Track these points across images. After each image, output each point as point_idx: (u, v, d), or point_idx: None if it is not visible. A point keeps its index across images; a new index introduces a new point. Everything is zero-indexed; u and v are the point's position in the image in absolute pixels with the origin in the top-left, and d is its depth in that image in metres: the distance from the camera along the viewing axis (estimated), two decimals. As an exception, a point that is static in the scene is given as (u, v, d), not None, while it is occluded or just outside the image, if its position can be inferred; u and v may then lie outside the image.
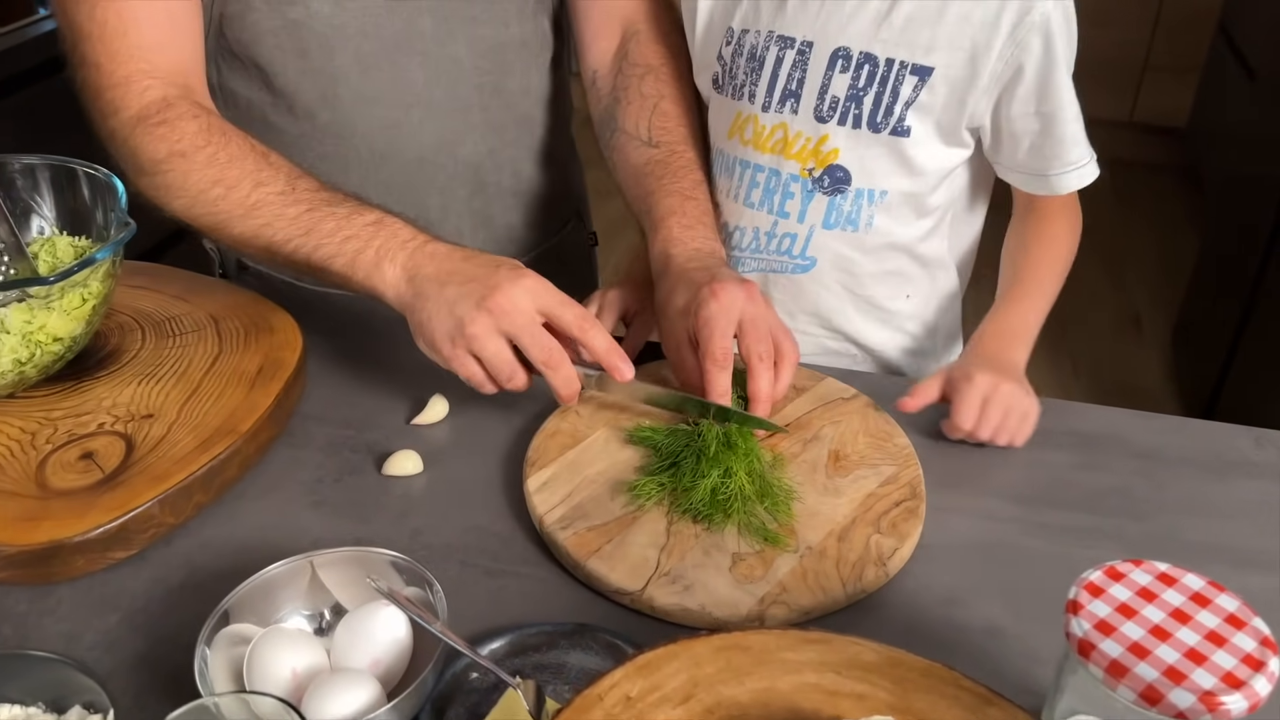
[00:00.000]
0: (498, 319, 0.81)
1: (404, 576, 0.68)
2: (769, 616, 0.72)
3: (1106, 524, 0.82)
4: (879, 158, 0.98)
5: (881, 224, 1.01)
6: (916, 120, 0.95)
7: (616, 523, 0.78)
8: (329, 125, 1.05)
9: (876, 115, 0.96)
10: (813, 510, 0.80)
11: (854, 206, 1.00)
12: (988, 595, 0.75)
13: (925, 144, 0.97)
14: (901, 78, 0.94)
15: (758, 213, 1.04)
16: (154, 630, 0.72)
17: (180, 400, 0.87)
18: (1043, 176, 0.97)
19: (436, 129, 1.08)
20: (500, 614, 0.73)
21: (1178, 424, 0.93)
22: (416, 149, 1.08)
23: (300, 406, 0.92)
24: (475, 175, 1.12)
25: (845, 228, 1.01)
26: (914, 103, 0.94)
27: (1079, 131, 0.95)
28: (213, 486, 0.81)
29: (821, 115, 0.97)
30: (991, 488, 0.85)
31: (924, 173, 0.99)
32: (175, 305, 1.00)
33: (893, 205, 1.00)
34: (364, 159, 1.07)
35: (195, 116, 0.92)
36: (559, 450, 0.85)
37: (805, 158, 1.00)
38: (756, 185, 1.03)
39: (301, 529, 0.80)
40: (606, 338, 0.84)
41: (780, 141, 1.00)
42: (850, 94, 0.96)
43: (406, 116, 1.06)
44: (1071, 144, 0.95)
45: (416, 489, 0.84)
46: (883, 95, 0.95)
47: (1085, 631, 0.55)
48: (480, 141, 1.11)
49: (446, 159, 1.09)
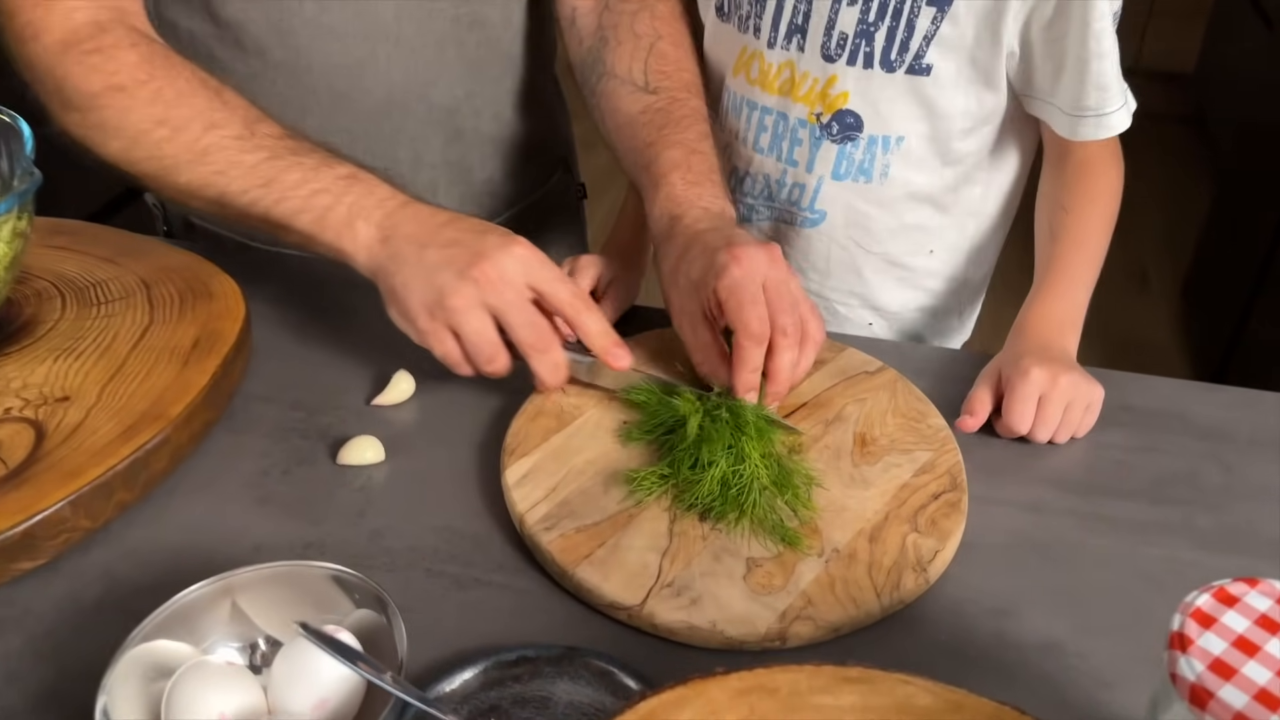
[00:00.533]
0: (483, 291, 0.70)
1: (354, 596, 0.57)
2: (792, 635, 0.61)
3: (1173, 515, 0.71)
4: (894, 100, 0.87)
5: (899, 173, 0.91)
6: (939, 57, 0.85)
7: (610, 522, 0.67)
8: (282, 62, 0.92)
9: (890, 52, 0.85)
10: (839, 505, 0.69)
11: (867, 155, 0.90)
12: (1043, 603, 0.65)
13: (951, 85, 0.86)
14: (917, 9, 0.83)
15: (766, 158, 0.94)
16: (64, 658, 0.61)
17: (102, 380, 0.75)
18: (1080, 117, 0.85)
19: (406, 68, 0.95)
20: (473, 634, 0.62)
21: (1246, 397, 0.82)
22: (384, 90, 0.95)
23: (243, 385, 0.80)
24: (450, 120, 1.00)
25: (858, 178, 0.91)
26: (934, 37, 0.84)
27: (1115, 67, 0.84)
28: (137, 483, 0.69)
29: (829, 53, 0.87)
30: (1041, 474, 0.74)
31: (948, 115, 0.88)
32: (102, 269, 0.88)
33: (911, 152, 0.90)
34: (323, 101, 0.94)
35: (134, 45, 0.79)
36: (542, 435, 0.74)
37: (813, 101, 0.89)
38: (765, 129, 0.93)
39: (241, 531, 0.69)
40: (602, 320, 0.74)
41: (787, 82, 0.90)
42: (860, 29, 0.85)
43: (372, 53, 0.93)
44: (1108, 78, 0.83)
45: (377, 482, 0.73)
46: (896, 30, 0.84)
47: (1199, 675, 0.44)
48: (456, 82, 0.98)
49: (417, 102, 0.97)
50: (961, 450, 0.74)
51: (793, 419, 0.76)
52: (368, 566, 0.66)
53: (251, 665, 0.57)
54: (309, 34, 0.91)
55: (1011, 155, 0.95)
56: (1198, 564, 0.67)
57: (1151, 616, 0.63)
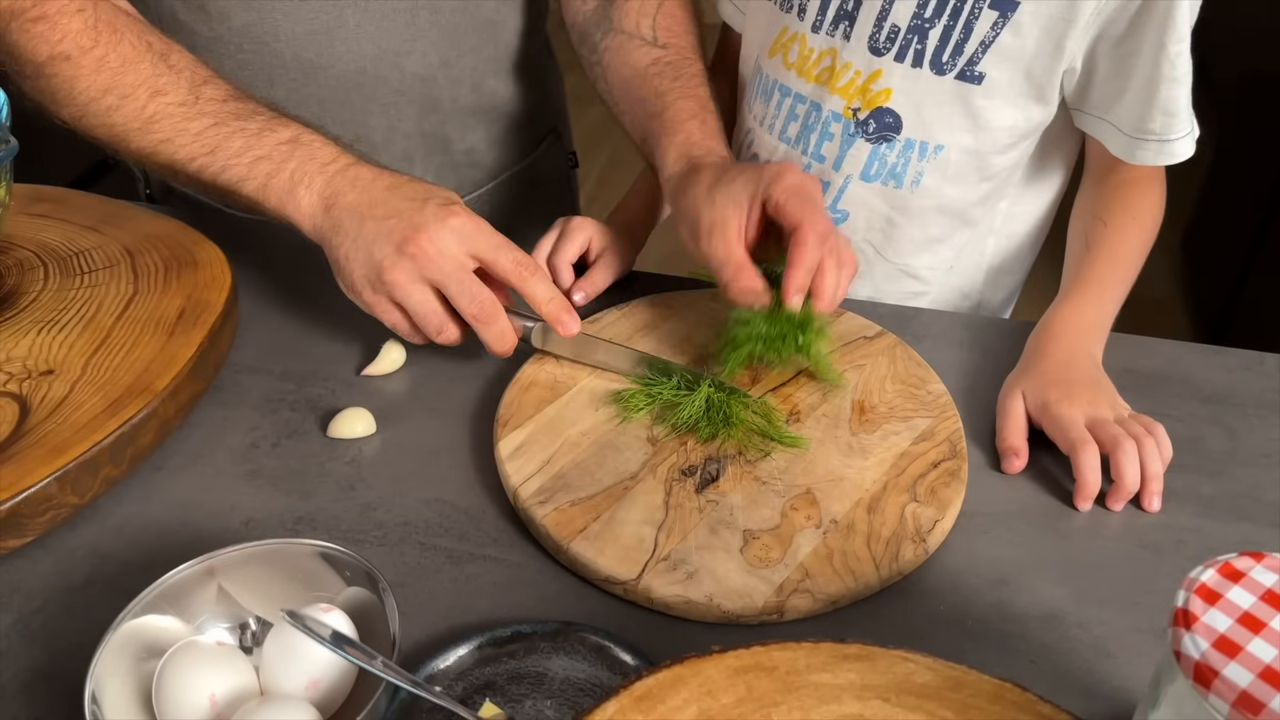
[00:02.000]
0: (421, 265, 0.70)
1: (345, 573, 0.56)
2: (789, 608, 0.60)
3: (1176, 482, 0.70)
4: (939, 105, 0.81)
5: (931, 183, 0.85)
6: (994, 66, 0.79)
7: (605, 495, 0.66)
8: (248, 27, 0.89)
9: (943, 53, 0.79)
10: (836, 475, 0.68)
11: (901, 159, 0.84)
12: (1044, 573, 0.64)
13: (1002, 96, 0.81)
14: (978, 11, 0.77)
15: (791, 149, 0.88)
16: (54, 637, 0.60)
17: (86, 352, 0.74)
18: (1142, 140, 0.80)
19: (376, 35, 0.92)
20: (467, 609, 0.61)
21: (1249, 359, 0.81)
22: (354, 59, 0.92)
23: (231, 356, 0.79)
24: (426, 90, 0.96)
25: (887, 182, 0.86)
26: (992, 44, 0.78)
27: (1187, 95, 0.78)
28: (124, 457, 0.68)
29: (877, 46, 0.81)
30: (1042, 440, 0.73)
31: (992, 129, 0.83)
32: (85, 237, 0.86)
33: (949, 163, 0.84)
34: (290, 69, 0.91)
35: (80, 10, 0.76)
36: (536, 406, 0.73)
37: (851, 95, 0.83)
38: (795, 118, 0.87)
39: (231, 506, 0.68)
40: (548, 286, 0.73)
41: (827, 70, 0.84)
42: (914, 24, 0.79)
43: (340, 19, 0.90)
44: (1179, 105, 0.78)
45: (368, 454, 0.72)
46: (953, 30, 0.78)
47: (1203, 653, 0.43)
48: (430, 50, 0.95)
49: (390, 71, 0.94)
50: (962, 416, 0.72)
51: (789, 386, 0.74)
52: (359, 541, 0.65)
53: (243, 645, 0.56)
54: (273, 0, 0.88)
55: (1046, 174, 0.90)
56: (1200, 531, 0.66)
57: (1154, 586, 0.63)
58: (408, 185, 0.73)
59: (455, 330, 0.73)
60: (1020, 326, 0.84)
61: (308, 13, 0.89)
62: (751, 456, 0.69)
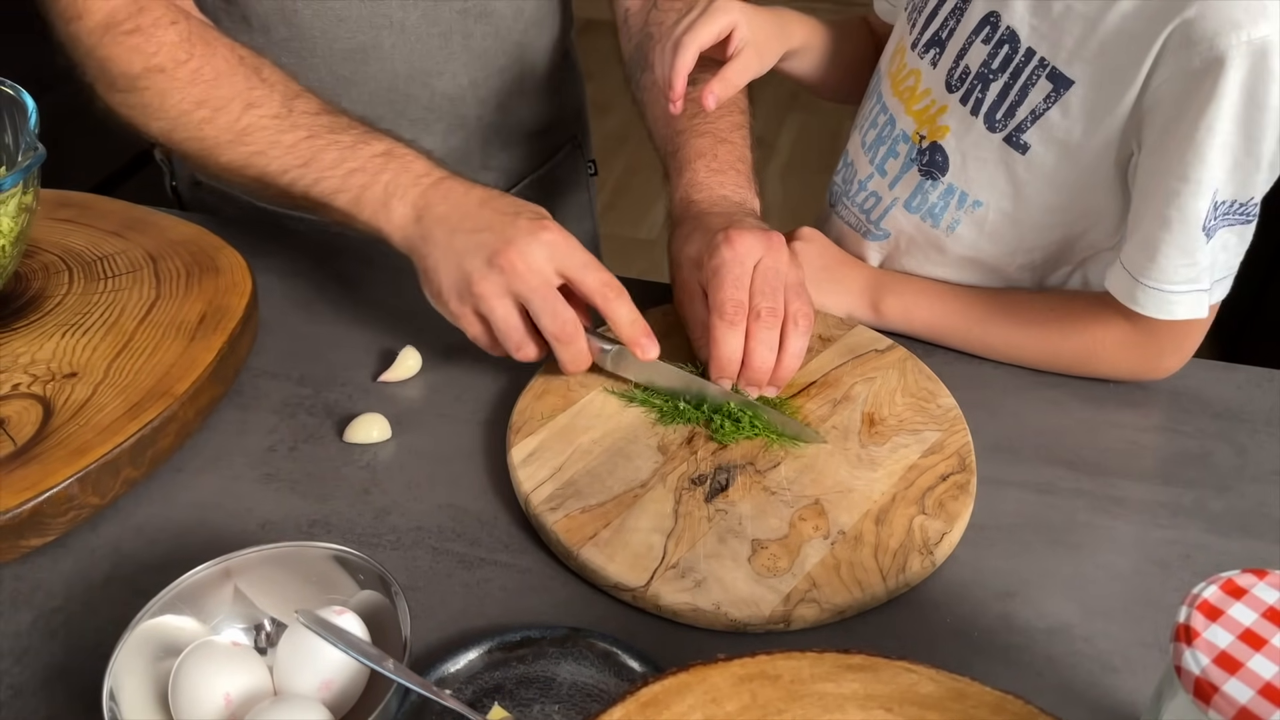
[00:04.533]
0: (509, 279, 0.70)
1: (358, 576, 0.57)
2: (796, 617, 0.61)
3: (1185, 497, 0.70)
4: (984, 161, 0.78)
5: (967, 235, 0.82)
6: (1041, 141, 0.75)
7: (615, 502, 0.67)
8: (287, 41, 0.91)
9: (997, 110, 0.76)
10: (845, 486, 0.68)
11: (941, 202, 0.82)
12: (1051, 586, 0.64)
13: (1045, 178, 0.76)
14: (1035, 79, 0.74)
15: (864, 155, 0.87)
16: (73, 635, 0.62)
17: (109, 356, 0.75)
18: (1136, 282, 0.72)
19: (410, 56, 0.94)
20: (478, 614, 0.62)
21: (1259, 376, 0.81)
22: (387, 78, 0.94)
23: (250, 361, 0.80)
24: (454, 109, 0.98)
25: (925, 219, 0.83)
26: (1041, 117, 0.74)
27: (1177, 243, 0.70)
28: (144, 459, 0.70)
29: (951, 82, 0.79)
30: (1052, 455, 0.73)
31: (1031, 206, 0.78)
32: (109, 242, 0.87)
33: (987, 222, 0.80)
34: (325, 84, 0.93)
35: (173, 23, 0.79)
36: (548, 414, 0.74)
37: (922, 121, 0.81)
38: (876, 126, 0.86)
39: (248, 510, 0.69)
40: (632, 309, 0.72)
41: (909, 90, 0.82)
42: (981, 71, 0.77)
43: (376, 40, 0.92)
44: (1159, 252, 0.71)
45: (383, 459, 0.73)
46: (1010, 89, 0.75)
47: (1204, 668, 0.44)
48: (461, 72, 0.97)
49: (420, 90, 0.96)
50: (971, 430, 0.73)
51: (800, 398, 0.75)
52: (373, 545, 0.66)
53: (257, 646, 0.57)
54: (312, 18, 0.90)
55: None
56: (1207, 547, 0.67)
57: (1160, 600, 0.63)
58: (499, 199, 0.74)
59: (534, 348, 0.73)
60: (1032, 340, 0.84)
61: (345, 32, 0.91)
62: (761, 466, 0.70)
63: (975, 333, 0.81)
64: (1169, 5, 0.67)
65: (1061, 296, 0.82)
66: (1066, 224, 0.79)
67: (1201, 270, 0.71)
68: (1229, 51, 0.65)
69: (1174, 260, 0.71)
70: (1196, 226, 0.70)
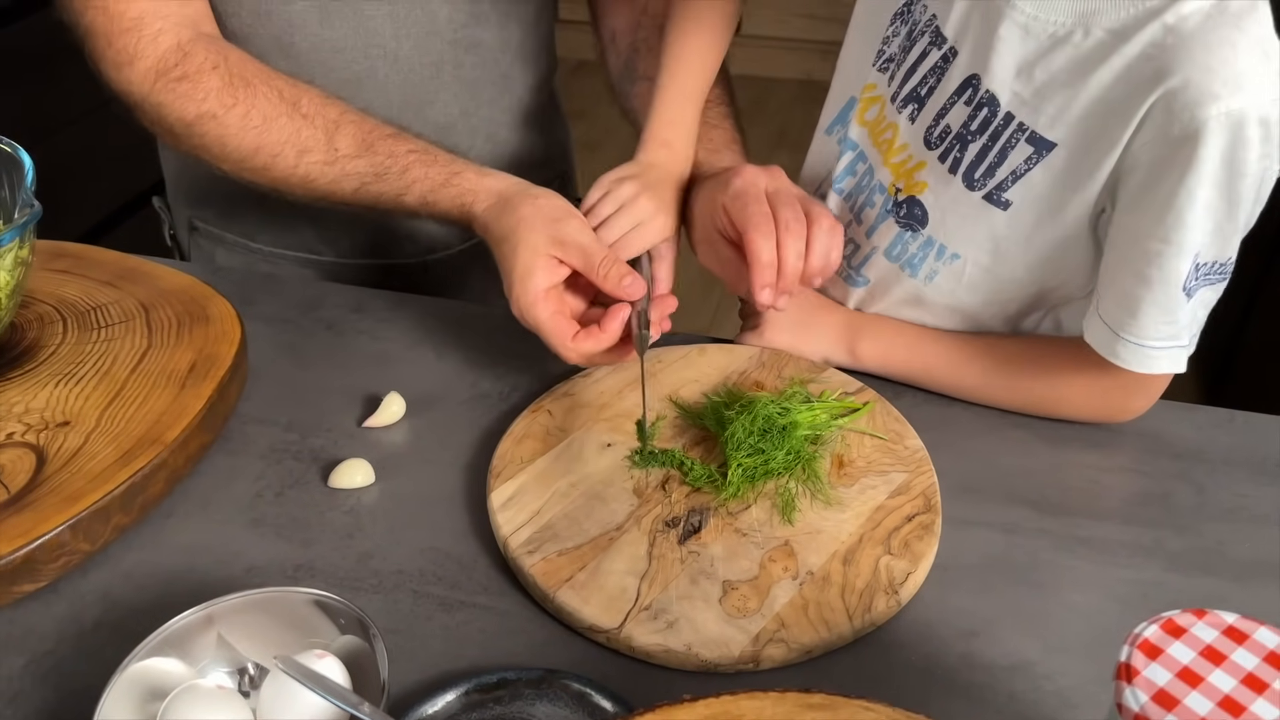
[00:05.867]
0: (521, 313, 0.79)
1: (339, 620, 0.59)
2: (765, 657, 0.63)
3: (1145, 537, 0.72)
4: (964, 217, 0.80)
5: (946, 285, 0.83)
6: (1022, 198, 0.77)
7: (591, 545, 0.69)
8: (285, 72, 0.94)
9: (976, 170, 0.78)
10: (814, 527, 0.70)
11: (920, 253, 0.83)
12: (1013, 625, 0.66)
13: (1024, 237, 0.78)
14: (1015, 141, 0.75)
15: (841, 202, 0.89)
16: (64, 679, 0.63)
17: (101, 404, 0.77)
18: (1119, 337, 0.75)
19: (404, 86, 0.98)
20: (457, 656, 0.64)
21: (1219, 417, 0.83)
22: (381, 106, 0.97)
23: (239, 407, 0.82)
24: (445, 138, 1.01)
25: (905, 268, 0.84)
26: (1024, 177, 0.76)
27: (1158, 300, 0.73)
28: (134, 506, 0.72)
29: (930, 139, 0.80)
30: (1016, 495, 0.75)
31: (1011, 261, 0.80)
32: (103, 292, 0.90)
33: (964, 274, 0.82)
34: None
35: (215, 67, 0.85)
36: (528, 458, 0.76)
37: (899, 174, 0.83)
38: (853, 173, 0.88)
39: (235, 554, 0.71)
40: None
41: (887, 143, 0.84)
42: (960, 132, 0.78)
43: (370, 70, 0.97)
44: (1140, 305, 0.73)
45: (366, 504, 0.75)
46: (990, 150, 0.77)
47: (1143, 705, 0.46)
48: (452, 101, 1.01)
49: (413, 119, 0.99)
50: (937, 471, 0.75)
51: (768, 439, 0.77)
52: (356, 589, 0.68)
53: (241, 689, 0.59)
54: (309, 49, 0.94)
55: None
56: (1166, 585, 0.69)
57: (1119, 638, 0.64)
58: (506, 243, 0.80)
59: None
60: (999, 382, 0.86)
61: (340, 62, 0.95)
62: (733, 508, 0.72)
63: (949, 375, 0.84)
64: (1153, 77, 0.69)
65: (1034, 342, 0.85)
66: (1043, 279, 0.81)
67: (1182, 328, 0.74)
68: (1208, 122, 0.67)
69: (1155, 318, 0.73)
70: (1177, 286, 0.72)
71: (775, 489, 0.73)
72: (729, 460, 0.73)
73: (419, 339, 0.90)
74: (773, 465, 0.73)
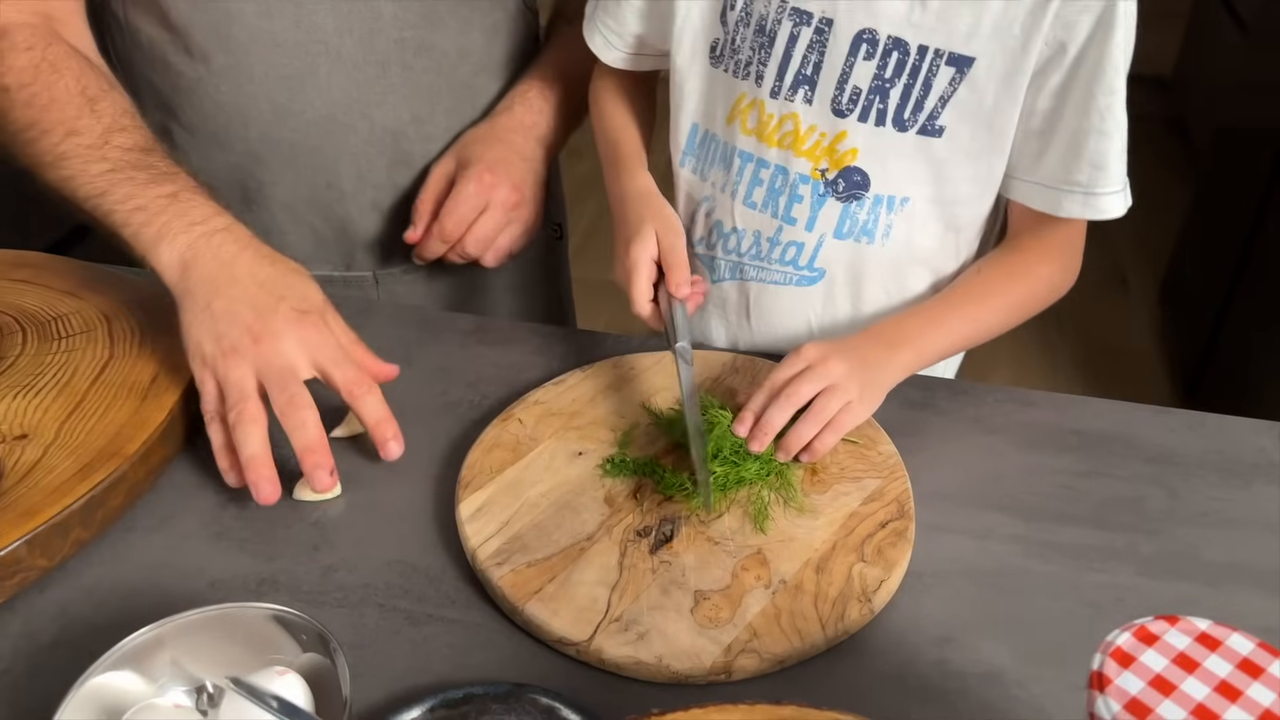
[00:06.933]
0: (259, 364, 0.73)
1: (301, 636, 0.58)
2: (737, 668, 0.62)
3: (1118, 541, 0.72)
4: (903, 159, 0.82)
5: (900, 234, 0.86)
6: (954, 120, 0.80)
7: (561, 556, 0.68)
8: (226, 69, 0.93)
9: (904, 111, 0.80)
10: (787, 535, 0.70)
11: (871, 216, 0.85)
12: (987, 631, 0.66)
13: (964, 151, 0.82)
14: (936, 68, 0.78)
15: (760, 214, 0.89)
16: (19, 699, 0.62)
17: (60, 417, 0.76)
18: (1067, 191, 0.80)
19: (347, 85, 0.96)
20: (424, 671, 0.63)
21: (1192, 420, 0.83)
22: (325, 105, 0.96)
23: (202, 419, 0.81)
24: (396, 144, 1.00)
25: (859, 239, 0.86)
26: (951, 99, 0.79)
27: (1119, 150, 0.79)
28: (94, 520, 0.70)
29: (840, 108, 0.82)
30: (989, 501, 0.75)
31: (954, 180, 0.84)
32: (64, 302, 0.88)
33: (915, 214, 0.85)
34: (264, 111, 0.95)
35: (29, 49, 0.84)
36: (497, 468, 0.75)
37: (818, 156, 0.84)
38: (760, 183, 0.88)
39: (198, 569, 0.69)
40: (379, 407, 0.76)
41: (790, 134, 0.84)
42: (875, 85, 0.80)
43: (312, 66, 0.94)
44: (1108, 159, 0.79)
45: (332, 516, 0.73)
46: (913, 88, 0.79)
47: (1115, 715, 0.45)
48: (402, 105, 0.98)
49: (360, 120, 0.97)
50: (910, 477, 0.75)
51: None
52: (320, 603, 0.67)
53: (200, 708, 0.58)
54: (249, 43, 0.92)
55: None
56: (1139, 589, 0.68)
57: (1091, 644, 0.63)
58: (268, 271, 0.77)
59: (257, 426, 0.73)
60: (972, 388, 0.86)
61: (281, 57, 0.93)
62: (705, 516, 0.71)
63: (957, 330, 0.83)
64: None
65: (995, 260, 0.87)
66: (989, 194, 0.85)
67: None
68: None
69: (1119, 160, 0.79)
70: (1125, 122, 0.79)
71: (748, 497, 0.72)
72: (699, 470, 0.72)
73: (387, 347, 0.89)
74: (745, 475, 0.73)
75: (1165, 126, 3.20)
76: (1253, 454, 0.80)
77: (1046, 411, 0.83)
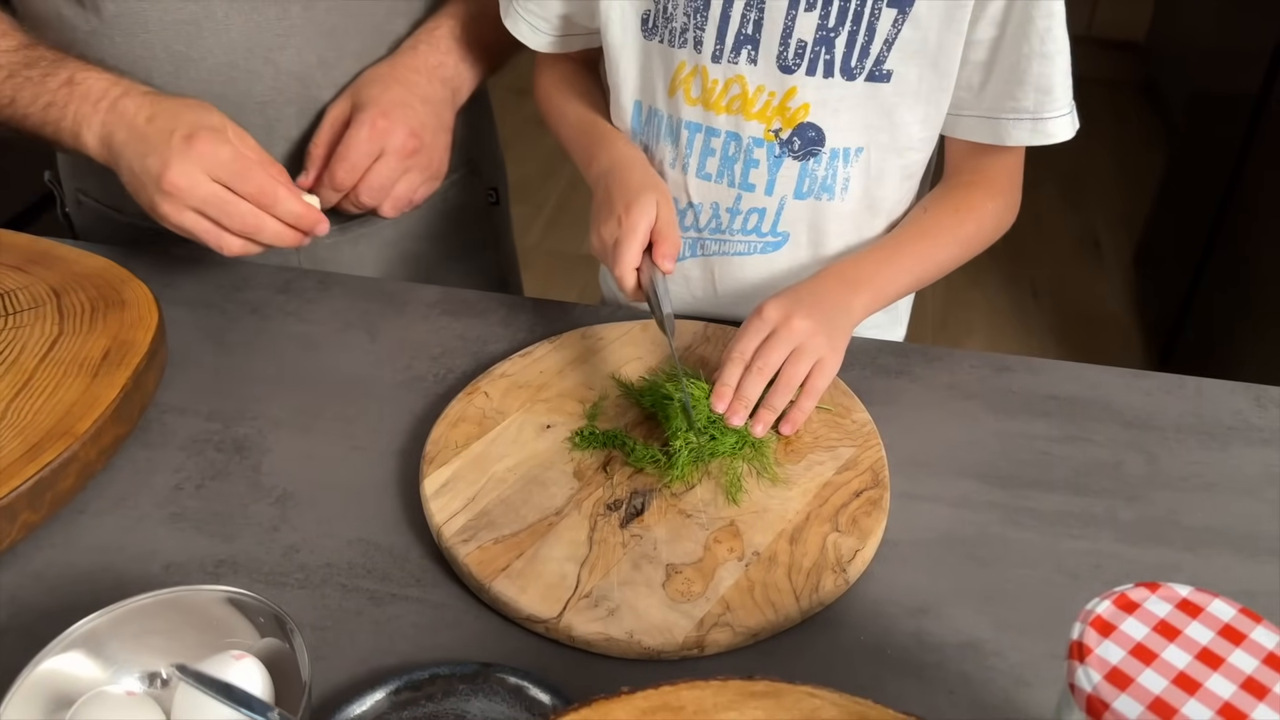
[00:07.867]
0: (182, 197, 0.78)
1: (258, 620, 0.56)
2: (710, 642, 0.60)
3: (1096, 506, 0.71)
4: (854, 109, 0.81)
5: (858, 186, 0.85)
6: (900, 63, 0.79)
7: (529, 532, 0.66)
8: (118, 18, 0.88)
9: (850, 59, 0.79)
10: (760, 506, 0.68)
11: (829, 171, 0.84)
12: (964, 601, 0.65)
13: (912, 93, 0.81)
14: (878, 12, 0.77)
15: (716, 185, 0.86)
16: (-34, 689, 0.59)
17: (7, 396, 0.73)
18: (1014, 119, 0.80)
19: (246, 28, 0.90)
20: (389, 652, 0.61)
21: (1169, 383, 0.82)
22: (224, 52, 0.90)
23: (158, 396, 0.78)
24: (304, 91, 0.94)
25: (820, 196, 0.85)
26: (895, 41, 0.78)
27: (1063, 71, 0.78)
28: (43, 502, 0.68)
29: (786, 64, 0.80)
30: (965, 468, 0.74)
31: (906, 124, 0.82)
32: (11, 277, 0.85)
33: (870, 163, 0.84)
34: (162, 61, 0.90)
35: None
36: (463, 442, 0.73)
37: (769, 117, 0.82)
38: (712, 153, 0.85)
39: (152, 552, 0.67)
40: (294, 204, 0.80)
41: (738, 98, 0.82)
42: (819, 36, 0.78)
43: (207, 10, 0.88)
44: (1053, 81, 0.78)
45: (294, 494, 0.71)
46: (857, 34, 0.78)
47: (1095, 685, 0.44)
48: (306, 48, 0.92)
49: (263, 66, 0.92)
50: (885, 445, 0.73)
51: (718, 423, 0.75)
52: (281, 584, 0.65)
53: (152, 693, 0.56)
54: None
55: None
56: (1118, 556, 0.67)
57: (1070, 612, 0.62)
58: (164, 114, 0.80)
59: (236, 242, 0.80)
60: (947, 354, 0.85)
61: (175, 2, 0.88)
62: (677, 489, 0.69)
63: (911, 269, 0.84)
64: None
65: (941, 198, 0.86)
66: (936, 123, 0.84)
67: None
68: None
69: (1064, 82, 0.79)
70: (1068, 44, 0.78)
71: (720, 468, 0.71)
72: (672, 441, 0.71)
73: (350, 320, 0.87)
74: (720, 449, 0.71)
75: (1138, 91, 3.19)
76: (1230, 416, 0.79)
77: (1022, 376, 0.82)
